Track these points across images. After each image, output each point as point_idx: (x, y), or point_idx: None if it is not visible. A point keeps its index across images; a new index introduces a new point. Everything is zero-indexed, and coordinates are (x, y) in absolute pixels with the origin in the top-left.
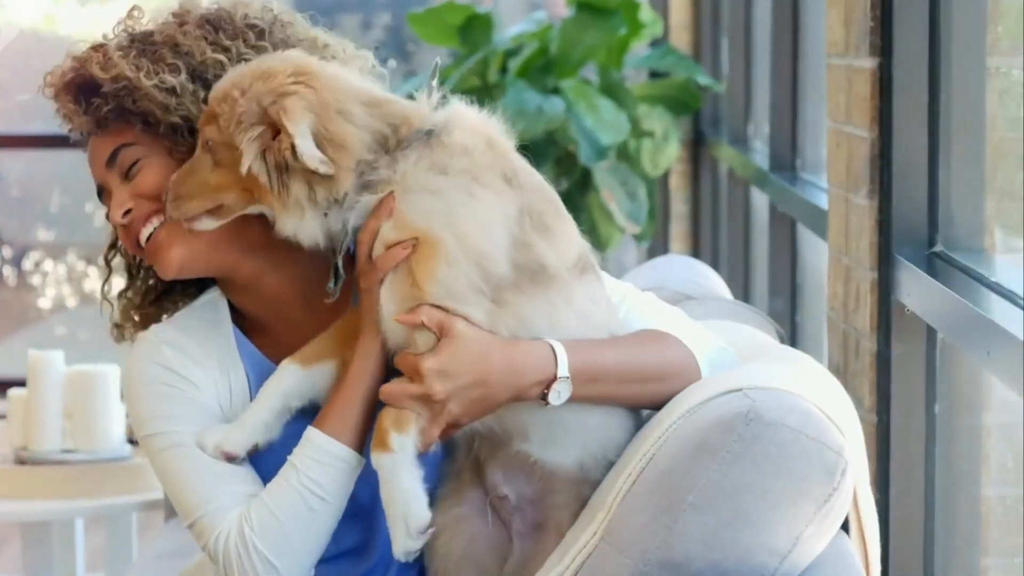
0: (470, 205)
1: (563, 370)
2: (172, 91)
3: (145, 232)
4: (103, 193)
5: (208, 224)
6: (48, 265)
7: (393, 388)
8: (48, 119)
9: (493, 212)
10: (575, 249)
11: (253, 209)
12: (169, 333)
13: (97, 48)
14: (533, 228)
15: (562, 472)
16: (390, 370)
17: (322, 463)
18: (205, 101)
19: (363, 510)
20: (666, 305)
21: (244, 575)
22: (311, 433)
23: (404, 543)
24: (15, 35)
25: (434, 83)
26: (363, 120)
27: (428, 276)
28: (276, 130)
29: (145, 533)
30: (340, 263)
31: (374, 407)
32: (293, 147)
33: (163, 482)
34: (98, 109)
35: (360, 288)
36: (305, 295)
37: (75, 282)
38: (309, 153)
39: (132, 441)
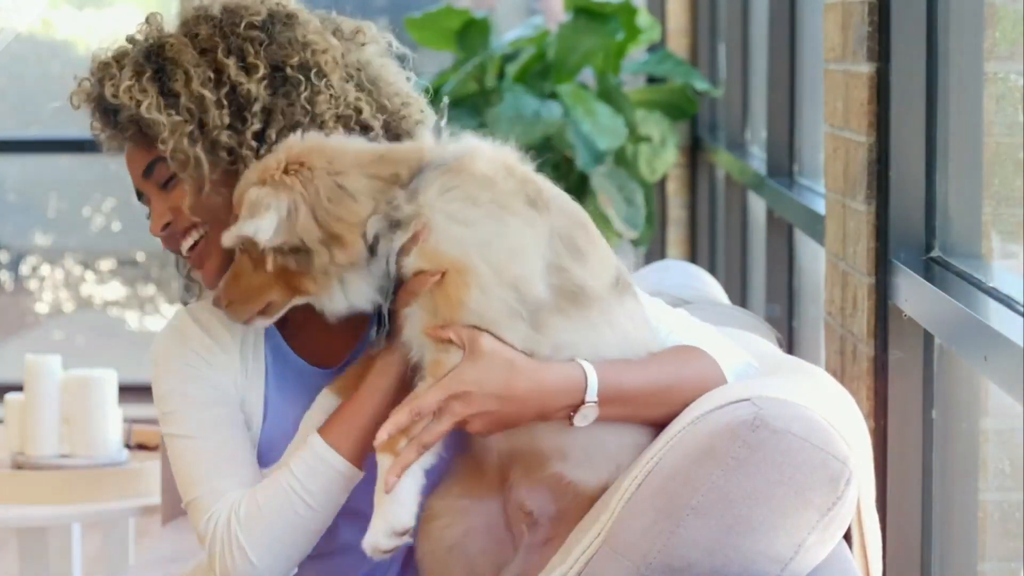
0: (502, 233)
1: (592, 395)
2: (186, 120)
3: (186, 244)
4: (141, 196)
5: (262, 323)
6: (45, 270)
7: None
8: (45, 123)
9: (524, 237)
10: (611, 270)
11: (299, 300)
12: (200, 313)
13: (113, 62)
14: (566, 251)
15: (589, 492)
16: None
17: (316, 471)
18: (230, 126)
19: (364, 516)
20: (697, 321)
21: (222, 562)
22: (312, 439)
23: (378, 539)
24: (11, 39)
25: (443, 123)
26: (362, 181)
27: (457, 305)
28: None
29: (142, 538)
30: (386, 310)
31: (382, 422)
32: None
33: (170, 459)
34: (124, 129)
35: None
36: None
37: (72, 287)
38: (251, 232)
39: (129, 446)
